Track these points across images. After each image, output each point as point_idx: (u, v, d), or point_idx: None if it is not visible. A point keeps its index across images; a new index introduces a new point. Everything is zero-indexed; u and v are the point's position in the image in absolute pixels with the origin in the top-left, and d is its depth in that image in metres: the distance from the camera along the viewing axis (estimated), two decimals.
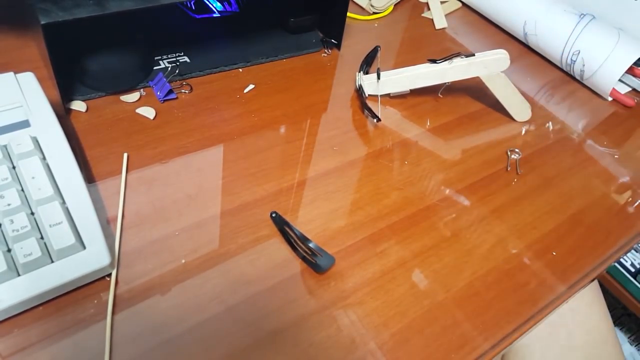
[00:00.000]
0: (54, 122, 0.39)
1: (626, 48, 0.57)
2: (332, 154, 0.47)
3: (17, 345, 0.30)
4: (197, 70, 0.51)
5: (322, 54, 0.58)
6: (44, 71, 0.46)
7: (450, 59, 0.50)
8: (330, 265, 0.37)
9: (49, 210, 0.33)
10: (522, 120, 0.54)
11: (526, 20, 0.64)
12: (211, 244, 0.38)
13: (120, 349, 0.31)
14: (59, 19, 0.38)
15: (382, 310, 0.36)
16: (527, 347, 0.55)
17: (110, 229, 0.37)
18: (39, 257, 0.31)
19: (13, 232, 0.32)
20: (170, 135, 0.45)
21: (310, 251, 0.37)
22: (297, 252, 0.38)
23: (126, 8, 0.41)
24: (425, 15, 0.69)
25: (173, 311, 0.33)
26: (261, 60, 0.55)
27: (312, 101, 0.52)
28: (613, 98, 0.60)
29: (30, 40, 0.51)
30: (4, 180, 0.34)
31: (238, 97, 0.50)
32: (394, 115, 0.52)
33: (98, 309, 0.33)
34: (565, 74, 0.63)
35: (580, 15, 0.61)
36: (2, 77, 0.40)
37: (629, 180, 0.51)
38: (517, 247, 0.42)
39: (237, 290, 0.35)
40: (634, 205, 0.48)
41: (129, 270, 0.35)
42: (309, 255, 0.37)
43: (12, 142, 0.36)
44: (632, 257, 1.02)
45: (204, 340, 0.32)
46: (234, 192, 0.41)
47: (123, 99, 0.47)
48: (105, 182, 0.40)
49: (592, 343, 0.56)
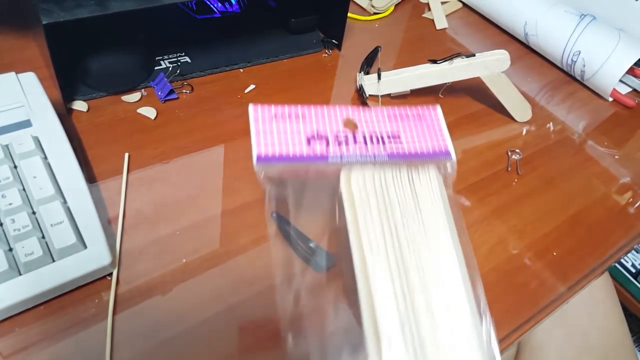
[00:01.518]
0: (56, 122, 0.39)
1: (627, 49, 0.57)
2: None
3: (18, 344, 0.30)
4: (198, 71, 0.51)
5: (323, 55, 0.58)
6: (45, 71, 0.46)
7: (451, 60, 0.50)
8: (330, 265, 0.37)
9: (50, 210, 0.33)
10: (522, 121, 0.54)
11: (527, 20, 0.64)
12: (212, 244, 0.38)
13: (121, 349, 0.31)
14: (61, 19, 0.38)
15: None
16: (542, 348, 0.55)
17: (111, 229, 0.37)
18: (40, 257, 0.31)
19: (14, 231, 0.32)
20: (171, 135, 0.45)
21: (310, 251, 0.38)
22: (297, 252, 0.38)
23: (127, 8, 0.41)
24: (426, 15, 0.69)
25: (174, 311, 0.33)
26: (262, 60, 0.55)
27: (313, 101, 0.52)
28: (614, 98, 0.60)
29: (31, 41, 0.51)
30: (6, 179, 0.34)
31: (239, 97, 0.50)
32: None
33: (99, 308, 0.33)
34: (565, 75, 0.63)
35: (580, 16, 0.61)
36: (3, 77, 0.40)
37: (630, 181, 0.51)
38: (517, 247, 0.42)
39: (238, 289, 0.35)
40: (634, 206, 0.48)
41: (130, 270, 0.35)
42: (310, 255, 0.37)
43: (13, 141, 0.36)
44: (632, 257, 1.02)
45: (205, 339, 0.32)
46: (235, 192, 0.41)
47: (124, 99, 0.47)
48: (106, 181, 0.40)
49: (608, 344, 0.56)
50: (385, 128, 0.30)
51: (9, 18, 0.53)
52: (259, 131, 0.28)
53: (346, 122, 0.29)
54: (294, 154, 0.28)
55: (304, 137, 0.29)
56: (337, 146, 0.29)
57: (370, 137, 0.30)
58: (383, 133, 0.30)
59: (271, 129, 0.28)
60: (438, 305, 0.24)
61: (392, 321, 0.24)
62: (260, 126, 0.28)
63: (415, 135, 0.31)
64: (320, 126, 0.29)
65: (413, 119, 0.31)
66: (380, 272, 0.25)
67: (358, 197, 0.27)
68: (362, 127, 0.29)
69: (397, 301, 0.24)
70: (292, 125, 0.29)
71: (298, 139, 0.29)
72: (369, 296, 0.24)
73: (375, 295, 0.24)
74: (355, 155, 0.29)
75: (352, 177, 0.27)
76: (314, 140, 0.29)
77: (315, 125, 0.29)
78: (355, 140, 0.29)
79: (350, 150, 0.29)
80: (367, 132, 0.30)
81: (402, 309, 0.24)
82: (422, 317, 0.24)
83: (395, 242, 0.26)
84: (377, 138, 0.30)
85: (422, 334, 0.24)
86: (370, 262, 0.25)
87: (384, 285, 0.25)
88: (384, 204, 0.27)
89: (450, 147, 0.31)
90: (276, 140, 0.28)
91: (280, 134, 0.28)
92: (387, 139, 0.30)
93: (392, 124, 0.30)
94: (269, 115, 0.29)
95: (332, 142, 0.29)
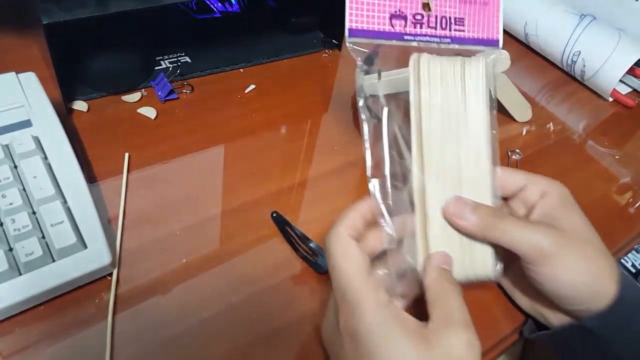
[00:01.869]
0: (56, 121, 0.39)
1: (627, 49, 0.57)
2: (332, 154, 0.47)
3: (18, 344, 0.30)
4: (198, 71, 0.52)
5: (323, 55, 0.58)
6: (45, 71, 0.46)
7: None
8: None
9: (51, 210, 0.34)
10: (522, 121, 0.54)
11: (527, 20, 0.64)
12: (212, 244, 0.38)
13: (121, 348, 0.31)
14: (61, 19, 0.38)
15: None
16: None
17: (112, 229, 0.37)
18: (40, 257, 0.31)
19: (14, 231, 0.32)
20: (171, 135, 0.45)
21: (310, 251, 0.38)
22: (297, 252, 0.38)
23: (127, 8, 0.41)
24: None
25: (174, 310, 0.33)
26: (262, 60, 0.55)
27: (313, 101, 0.52)
28: (614, 98, 0.60)
29: (31, 40, 0.51)
30: (6, 179, 0.34)
31: (239, 97, 0.50)
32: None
33: (99, 308, 0.33)
34: (565, 75, 0.63)
35: (580, 16, 0.61)
36: (3, 77, 0.40)
37: (630, 181, 0.51)
38: None
39: (238, 289, 0.35)
40: (634, 206, 0.48)
41: (130, 270, 0.35)
42: (310, 255, 0.37)
43: (13, 141, 0.36)
44: (632, 257, 1.02)
45: (205, 339, 0.32)
46: (235, 192, 0.42)
47: (124, 99, 0.47)
48: (106, 181, 0.40)
49: None
50: (455, 11, 0.35)
51: (9, 18, 0.53)
52: (353, 7, 0.32)
53: (423, 5, 0.34)
54: (378, 29, 0.33)
55: (387, 14, 0.33)
56: (413, 27, 0.34)
57: (440, 20, 0.34)
58: (451, 16, 0.34)
59: (363, 4, 0.32)
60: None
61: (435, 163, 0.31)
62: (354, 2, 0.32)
63: (478, 21, 0.36)
64: (402, 4, 0.33)
65: (479, 4, 0.36)
66: (432, 141, 0.31)
67: (423, 79, 0.32)
68: (435, 9, 0.34)
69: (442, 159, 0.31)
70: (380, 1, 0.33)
71: (383, 15, 0.33)
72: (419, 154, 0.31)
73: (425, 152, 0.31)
74: (425, 36, 0.34)
75: (421, 61, 0.32)
76: (395, 18, 0.33)
77: (399, 3, 0.33)
78: (429, 23, 0.34)
79: (423, 31, 0.34)
80: (439, 15, 0.34)
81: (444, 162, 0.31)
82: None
83: (445, 124, 0.32)
84: (447, 21, 0.34)
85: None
86: (426, 131, 0.31)
87: (432, 150, 0.31)
88: (441, 91, 0.32)
89: (501, 37, 0.36)
90: (365, 15, 0.32)
91: (368, 8, 0.32)
92: (454, 23, 0.35)
93: (460, 7, 0.35)
94: None
95: (409, 22, 0.33)
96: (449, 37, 0.34)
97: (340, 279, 0.28)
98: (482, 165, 0.32)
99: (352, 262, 0.28)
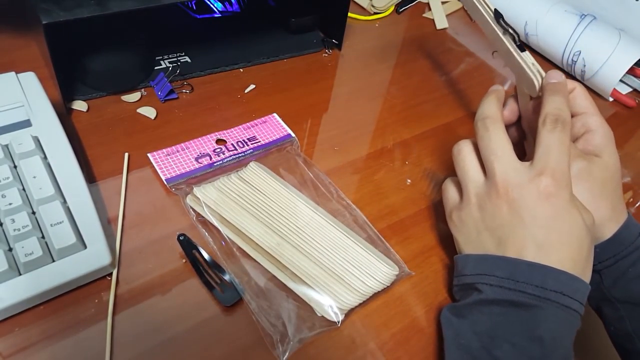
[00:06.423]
0: (55, 121, 0.39)
1: (627, 49, 0.57)
2: (333, 153, 0.47)
3: (17, 344, 0.30)
4: (198, 70, 0.51)
5: (323, 54, 0.58)
6: (45, 71, 0.46)
7: (507, 31, 0.41)
8: (235, 301, 0.34)
9: (50, 210, 0.33)
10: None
11: (527, 20, 0.64)
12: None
13: (120, 348, 0.31)
14: (60, 19, 0.38)
15: (383, 310, 0.36)
16: None
17: (111, 229, 0.37)
18: (40, 257, 0.31)
19: (14, 231, 0.32)
20: (171, 135, 0.45)
21: (219, 279, 0.35)
22: (202, 279, 0.35)
23: (127, 8, 0.41)
24: (426, 15, 0.69)
25: (173, 310, 0.33)
26: (262, 60, 0.55)
27: (313, 101, 0.52)
28: (614, 98, 0.60)
29: (31, 40, 0.51)
30: (6, 179, 0.34)
31: (239, 97, 0.50)
32: (394, 115, 0.52)
33: (99, 308, 0.33)
34: (566, 74, 0.63)
35: (581, 16, 0.61)
36: (3, 76, 0.40)
37: (630, 181, 0.51)
38: None
39: None
40: (634, 206, 0.48)
41: (130, 270, 0.35)
42: (217, 285, 0.34)
43: (13, 141, 0.36)
44: None
45: (205, 339, 0.32)
46: None
47: (124, 98, 0.47)
48: (106, 181, 0.40)
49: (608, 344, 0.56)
50: (245, 134, 0.45)
51: (9, 18, 0.53)
52: (161, 166, 0.41)
53: (217, 141, 0.44)
54: (189, 170, 0.41)
55: (192, 158, 0.42)
56: (217, 156, 0.43)
57: (237, 143, 0.44)
58: (244, 139, 0.45)
59: (168, 161, 0.41)
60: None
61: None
62: (161, 163, 0.41)
63: (266, 132, 0.46)
64: (200, 148, 0.43)
65: (260, 124, 0.47)
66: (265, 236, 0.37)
67: (213, 207, 0.38)
68: (228, 141, 0.44)
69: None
70: (182, 154, 0.42)
71: (189, 159, 0.42)
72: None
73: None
74: (230, 157, 0.43)
75: (197, 194, 0.38)
76: (200, 157, 0.42)
77: (197, 149, 0.43)
78: (228, 149, 0.44)
79: (227, 155, 0.43)
80: (235, 141, 0.45)
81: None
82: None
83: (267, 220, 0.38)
84: (243, 142, 0.45)
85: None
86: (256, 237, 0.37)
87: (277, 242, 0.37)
88: (238, 202, 0.38)
89: (290, 131, 0.46)
90: (173, 165, 0.41)
91: (175, 162, 0.42)
92: (249, 140, 0.45)
93: (247, 132, 0.46)
94: (165, 154, 0.42)
95: (212, 156, 0.43)
96: (251, 148, 0.44)
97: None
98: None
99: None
